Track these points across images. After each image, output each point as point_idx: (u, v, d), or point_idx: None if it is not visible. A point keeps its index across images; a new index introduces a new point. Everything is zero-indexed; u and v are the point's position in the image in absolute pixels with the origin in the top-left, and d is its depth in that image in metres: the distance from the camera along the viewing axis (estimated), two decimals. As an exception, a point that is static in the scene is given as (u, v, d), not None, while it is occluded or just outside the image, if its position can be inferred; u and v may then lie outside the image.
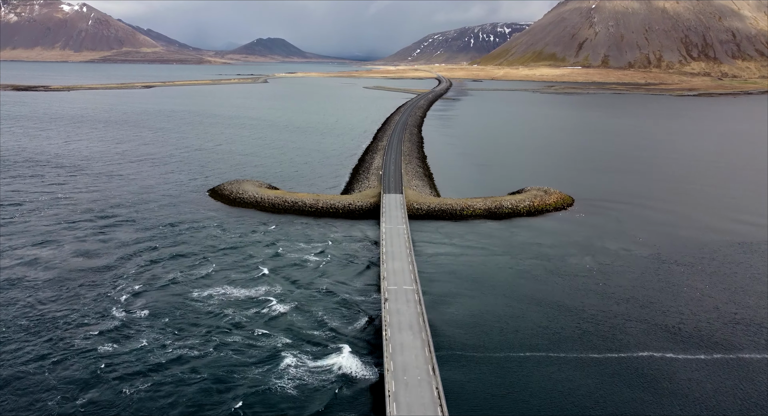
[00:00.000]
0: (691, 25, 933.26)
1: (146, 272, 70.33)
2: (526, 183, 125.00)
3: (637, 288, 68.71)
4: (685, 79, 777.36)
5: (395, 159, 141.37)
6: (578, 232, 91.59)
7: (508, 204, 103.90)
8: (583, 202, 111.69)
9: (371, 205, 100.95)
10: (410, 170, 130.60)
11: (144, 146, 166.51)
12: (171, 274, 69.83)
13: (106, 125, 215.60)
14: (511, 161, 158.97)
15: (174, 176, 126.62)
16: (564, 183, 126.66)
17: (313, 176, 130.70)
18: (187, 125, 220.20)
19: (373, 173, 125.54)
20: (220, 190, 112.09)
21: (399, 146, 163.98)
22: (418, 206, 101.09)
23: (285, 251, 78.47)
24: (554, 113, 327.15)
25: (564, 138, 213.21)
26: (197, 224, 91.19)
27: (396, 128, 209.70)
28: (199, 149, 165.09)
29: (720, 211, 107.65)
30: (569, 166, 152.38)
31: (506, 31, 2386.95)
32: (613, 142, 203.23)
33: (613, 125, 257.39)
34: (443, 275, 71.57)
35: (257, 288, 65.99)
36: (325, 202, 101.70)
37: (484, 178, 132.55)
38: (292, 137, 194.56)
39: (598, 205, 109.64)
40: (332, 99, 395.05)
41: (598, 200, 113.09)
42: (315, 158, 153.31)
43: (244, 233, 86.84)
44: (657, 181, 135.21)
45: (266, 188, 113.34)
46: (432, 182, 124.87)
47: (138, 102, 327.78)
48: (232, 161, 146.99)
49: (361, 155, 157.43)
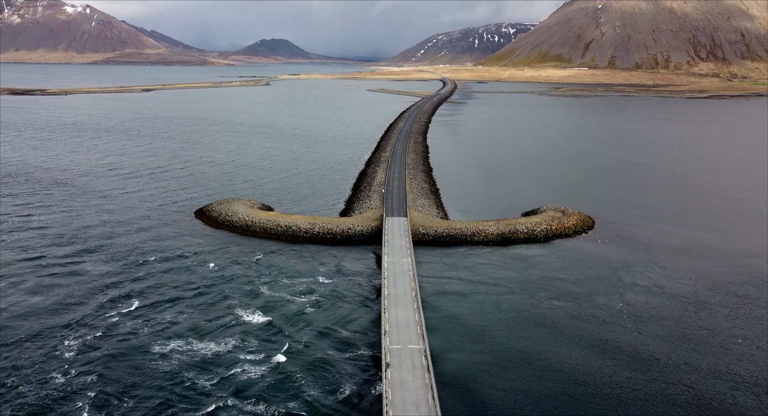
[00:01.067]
0: (699, 25, 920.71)
1: (104, 318, 61.06)
2: (540, 201, 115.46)
3: (677, 342, 58.92)
4: (693, 80, 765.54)
5: (399, 173, 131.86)
6: (603, 263, 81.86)
7: (523, 228, 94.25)
8: (605, 223, 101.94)
9: (373, 229, 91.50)
10: (415, 187, 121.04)
11: (133, 158, 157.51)
12: (132, 321, 60.57)
13: (97, 133, 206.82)
14: (523, 173, 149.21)
15: (160, 194, 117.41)
16: (582, 200, 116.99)
17: (311, 192, 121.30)
18: (182, 134, 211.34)
19: (375, 191, 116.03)
20: (208, 211, 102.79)
21: (403, 157, 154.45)
22: (424, 231, 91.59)
23: (268, 291, 68.91)
24: (564, 117, 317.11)
25: (577, 146, 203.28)
26: (176, 253, 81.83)
27: (400, 136, 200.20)
28: (191, 161, 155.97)
29: (763, 232, 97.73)
30: (586, 179, 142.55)
31: (511, 31, 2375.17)
32: (630, 150, 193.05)
33: (627, 131, 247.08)
34: (451, 324, 62.00)
35: (228, 342, 56.47)
36: (322, 226, 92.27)
37: (495, 194, 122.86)
38: (290, 147, 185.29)
39: (621, 227, 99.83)
40: (334, 103, 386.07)
41: (621, 221, 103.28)
42: (314, 172, 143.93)
43: (226, 265, 77.43)
44: (685, 196, 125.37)
45: (258, 209, 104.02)
46: (439, 200, 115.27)
47: (134, 107, 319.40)
48: (225, 175, 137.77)
49: (362, 167, 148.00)
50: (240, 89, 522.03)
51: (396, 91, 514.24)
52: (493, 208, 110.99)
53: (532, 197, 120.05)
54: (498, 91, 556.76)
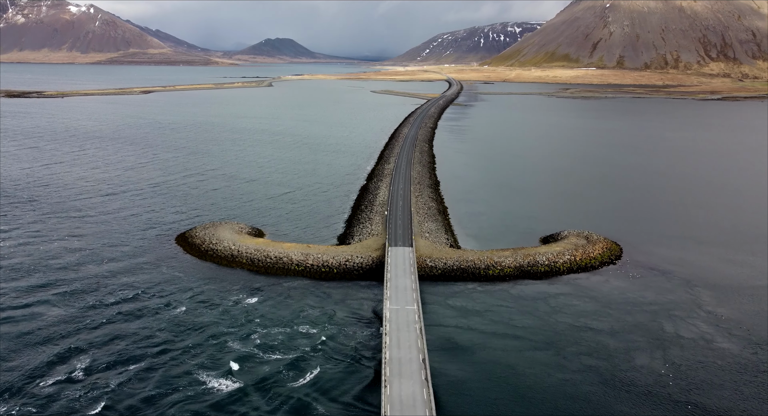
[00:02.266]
0: (710, 24, 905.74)
1: (35, 385, 50.66)
2: (560, 222, 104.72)
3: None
4: (704, 80, 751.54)
5: (404, 190, 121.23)
6: (638, 305, 70.98)
7: (544, 259, 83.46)
8: (634, 251, 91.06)
9: (374, 261, 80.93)
10: (421, 206, 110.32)
11: (119, 171, 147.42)
12: (71, 390, 50.19)
13: (87, 141, 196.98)
14: (538, 188, 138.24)
15: (143, 214, 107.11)
16: (605, 222, 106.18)
17: (308, 212, 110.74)
18: (176, 142, 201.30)
19: (378, 212, 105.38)
20: (191, 237, 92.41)
21: (408, 169, 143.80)
22: (432, 263, 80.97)
23: (243, 348, 58.25)
24: (577, 122, 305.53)
25: (594, 156, 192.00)
26: (145, 292, 71.42)
27: (405, 144, 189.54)
28: (182, 173, 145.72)
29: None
30: (607, 195, 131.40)
31: (516, 30, 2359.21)
32: (654, 160, 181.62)
33: (648, 138, 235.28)
34: (459, 396, 51.34)
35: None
36: (317, 257, 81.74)
37: (509, 214, 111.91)
38: (290, 156, 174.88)
39: (653, 256, 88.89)
40: (337, 106, 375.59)
41: (652, 248, 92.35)
42: (313, 186, 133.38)
43: (201, 309, 66.91)
44: (722, 215, 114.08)
45: (247, 234, 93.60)
46: (447, 221, 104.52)
47: (130, 111, 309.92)
48: (217, 191, 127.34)
49: (364, 182, 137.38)
50: (241, 91, 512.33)
51: (401, 92, 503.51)
52: (508, 232, 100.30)
53: (551, 217, 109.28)
54: (505, 92, 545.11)
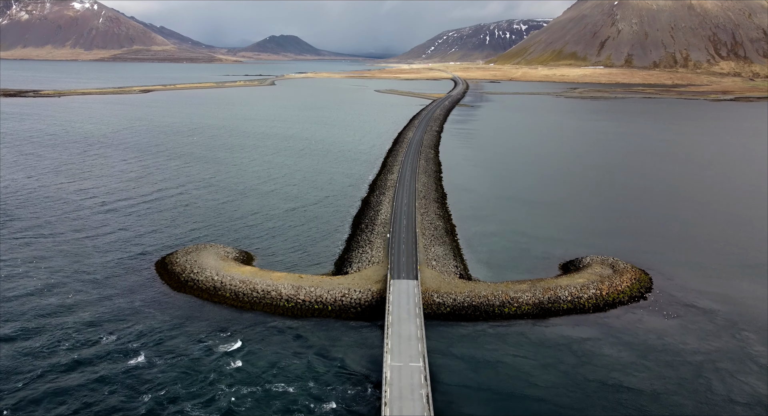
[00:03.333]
0: (720, 22, 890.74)
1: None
2: (580, 245, 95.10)
3: None
4: (714, 80, 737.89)
5: (408, 205, 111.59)
6: (679, 355, 61.27)
7: (566, 294, 73.74)
8: (666, 282, 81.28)
9: (373, 297, 71.44)
10: (427, 226, 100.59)
11: (103, 182, 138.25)
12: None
13: (77, 148, 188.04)
14: (553, 202, 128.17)
15: (123, 234, 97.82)
16: (630, 244, 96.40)
17: (302, 232, 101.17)
18: (169, 148, 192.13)
19: (379, 233, 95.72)
20: (171, 263, 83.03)
21: (413, 181, 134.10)
22: (440, 300, 71.42)
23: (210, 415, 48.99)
24: (590, 126, 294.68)
25: (613, 164, 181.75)
26: (107, 335, 62.22)
27: (409, 150, 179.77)
28: (171, 184, 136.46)
29: None
30: (630, 211, 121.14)
31: (522, 28, 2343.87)
32: (672, 169, 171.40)
33: (669, 144, 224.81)
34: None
35: None
36: (309, 291, 72.28)
37: (523, 235, 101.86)
38: (289, 162, 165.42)
39: (689, 288, 79.05)
40: (339, 107, 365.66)
41: (685, 278, 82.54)
42: (310, 200, 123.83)
43: (162, 359, 57.39)
44: (762, 235, 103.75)
45: (233, 261, 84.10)
46: (456, 244, 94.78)
47: (128, 112, 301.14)
48: (207, 206, 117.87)
49: (365, 194, 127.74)
50: (243, 90, 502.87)
51: (405, 92, 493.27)
52: (523, 257, 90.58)
53: (569, 238, 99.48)
54: (512, 92, 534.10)
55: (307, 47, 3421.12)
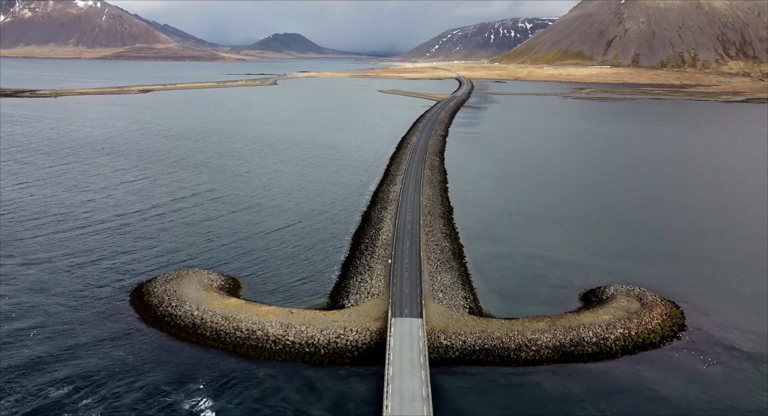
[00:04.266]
0: (728, 21, 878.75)
1: None
2: (601, 271, 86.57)
3: None
4: (723, 80, 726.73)
5: (412, 223, 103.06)
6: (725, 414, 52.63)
7: (590, 335, 65.17)
8: (701, 318, 72.66)
9: (372, 338, 63.06)
10: (433, 248, 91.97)
11: (89, 195, 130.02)
12: None
13: (67, 154, 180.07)
14: (569, 218, 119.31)
15: (105, 255, 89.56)
16: (656, 270, 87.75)
17: (295, 254, 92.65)
18: (162, 154, 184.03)
19: (380, 257, 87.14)
20: (149, 292, 74.70)
21: (417, 193, 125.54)
22: (447, 342, 63.00)
23: None
24: (600, 129, 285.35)
25: (627, 173, 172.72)
26: (60, 386, 53.77)
27: (413, 157, 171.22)
28: (161, 197, 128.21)
29: None
30: (654, 229, 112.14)
31: (527, 26, 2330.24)
32: (696, 180, 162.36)
33: (683, 150, 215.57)
34: None
35: None
36: (300, 331, 63.89)
37: (538, 259, 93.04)
38: (287, 170, 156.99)
39: (727, 326, 70.39)
40: (341, 109, 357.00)
41: (722, 314, 73.77)
42: (305, 215, 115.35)
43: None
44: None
45: (217, 291, 75.65)
46: (465, 271, 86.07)
47: (124, 114, 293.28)
48: (197, 225, 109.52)
49: (365, 208, 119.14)
50: (244, 90, 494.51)
51: (409, 92, 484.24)
52: (539, 285, 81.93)
53: (589, 262, 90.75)
54: (518, 92, 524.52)
55: (310, 45, 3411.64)
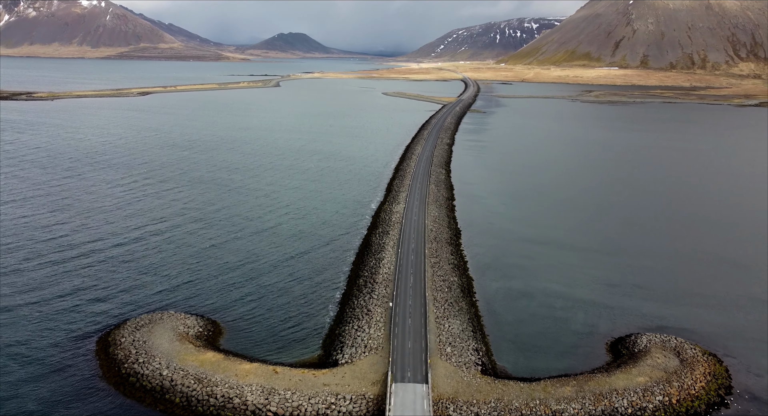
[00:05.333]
0: (739, 22, 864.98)
1: None
2: (630, 313, 77.07)
3: None
4: (734, 82, 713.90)
5: (416, 252, 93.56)
6: None
7: (625, 404, 55.75)
8: (749, 378, 63.07)
9: (369, 409, 53.71)
10: (439, 285, 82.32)
11: (67, 218, 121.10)
12: None
13: (53, 166, 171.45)
14: (590, 246, 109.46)
15: (68, 294, 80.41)
16: (691, 313, 78.00)
17: (286, 290, 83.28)
18: (157, 167, 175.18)
19: (379, 296, 77.60)
20: (115, 342, 65.52)
21: (422, 213, 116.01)
22: (457, 413, 53.37)
23: None
24: (617, 137, 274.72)
25: (650, 190, 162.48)
26: None
27: (417, 170, 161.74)
28: (145, 226, 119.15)
29: None
30: (681, 256, 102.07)
31: (534, 26, 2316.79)
32: (727, 198, 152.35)
33: (708, 162, 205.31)
34: None
35: None
36: (284, 400, 54.71)
37: (557, 298, 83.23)
38: (279, 183, 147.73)
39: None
40: (344, 114, 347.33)
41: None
42: (299, 241, 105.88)
43: None
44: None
45: (192, 341, 66.34)
46: (476, 314, 76.34)
47: (121, 120, 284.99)
48: (177, 254, 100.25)
49: (365, 232, 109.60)
50: (246, 93, 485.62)
51: (414, 95, 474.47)
52: (560, 331, 72.30)
53: (615, 302, 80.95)
54: (525, 95, 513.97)
55: (315, 45, 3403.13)
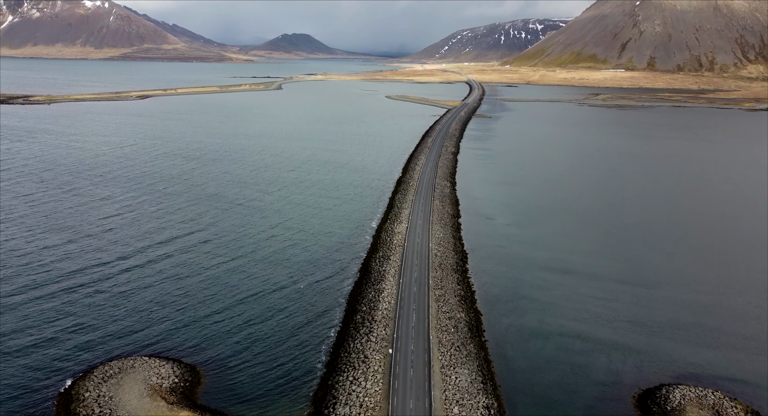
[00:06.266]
0: (747, 23, 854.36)
1: None
2: (660, 361, 68.90)
3: None
4: (742, 84, 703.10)
5: (419, 282, 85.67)
6: None
7: (663, 485, 47.45)
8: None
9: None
10: (445, 324, 74.30)
11: (44, 242, 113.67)
12: None
13: (41, 181, 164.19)
14: (608, 276, 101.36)
15: (28, 335, 72.80)
16: (731, 357, 69.81)
17: (275, 329, 75.52)
18: (151, 181, 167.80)
19: (378, 338, 69.67)
20: (78, 398, 58.01)
21: (425, 235, 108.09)
22: None
23: None
24: (624, 143, 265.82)
25: (677, 206, 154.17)
26: None
27: (422, 183, 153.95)
28: (130, 252, 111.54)
29: None
30: (722, 290, 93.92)
31: (538, 27, 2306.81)
32: (761, 221, 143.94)
33: (739, 178, 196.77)
34: None
35: None
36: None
37: (575, 337, 75.18)
38: (275, 200, 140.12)
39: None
40: (346, 119, 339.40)
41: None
42: (292, 269, 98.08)
43: None
44: None
45: (165, 395, 58.68)
46: (486, 360, 68.31)
47: (117, 126, 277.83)
48: (150, 286, 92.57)
49: (365, 255, 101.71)
50: (247, 95, 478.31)
51: (418, 98, 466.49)
52: (580, 382, 64.28)
53: (642, 345, 72.86)
54: (531, 98, 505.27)
55: (319, 46, 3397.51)
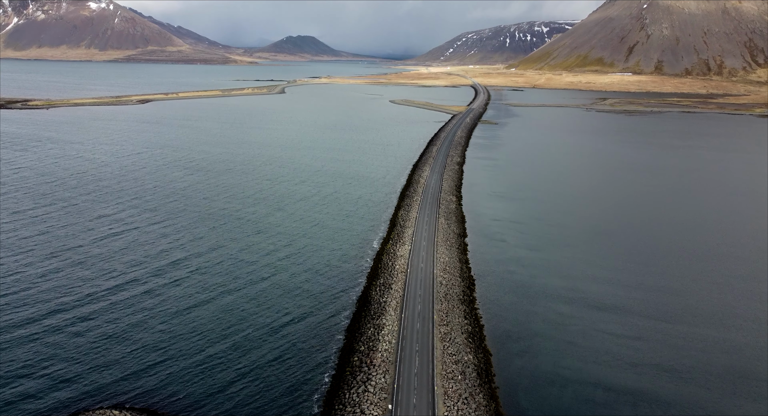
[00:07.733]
0: (756, 27, 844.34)
1: None
2: (691, 413, 61.42)
3: None
4: (752, 89, 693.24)
5: (423, 318, 78.62)
6: None
7: None
8: None
9: None
10: (451, 370, 67.15)
11: (23, 270, 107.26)
12: None
13: (28, 198, 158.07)
14: (629, 304, 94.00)
15: (15, 386, 66.29)
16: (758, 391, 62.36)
17: (265, 375, 68.60)
18: (146, 200, 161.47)
19: (376, 388, 62.65)
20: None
21: (430, 259, 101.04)
22: None
23: None
24: (640, 155, 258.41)
25: (710, 229, 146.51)
26: None
27: (426, 197, 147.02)
28: (117, 284, 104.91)
29: None
30: (758, 325, 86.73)
31: (544, 30, 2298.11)
32: None
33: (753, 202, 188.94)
34: None
35: None
36: None
37: (595, 385, 67.91)
38: (272, 216, 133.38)
39: None
40: (348, 126, 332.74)
41: None
42: (286, 303, 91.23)
43: None
44: None
45: (135, 464, 51.60)
46: (497, 413, 61.23)
47: (117, 133, 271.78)
48: (127, 326, 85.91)
49: (364, 282, 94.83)
50: (250, 100, 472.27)
51: (423, 103, 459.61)
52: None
53: (670, 392, 65.58)
54: (537, 103, 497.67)
55: (324, 48, 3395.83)
